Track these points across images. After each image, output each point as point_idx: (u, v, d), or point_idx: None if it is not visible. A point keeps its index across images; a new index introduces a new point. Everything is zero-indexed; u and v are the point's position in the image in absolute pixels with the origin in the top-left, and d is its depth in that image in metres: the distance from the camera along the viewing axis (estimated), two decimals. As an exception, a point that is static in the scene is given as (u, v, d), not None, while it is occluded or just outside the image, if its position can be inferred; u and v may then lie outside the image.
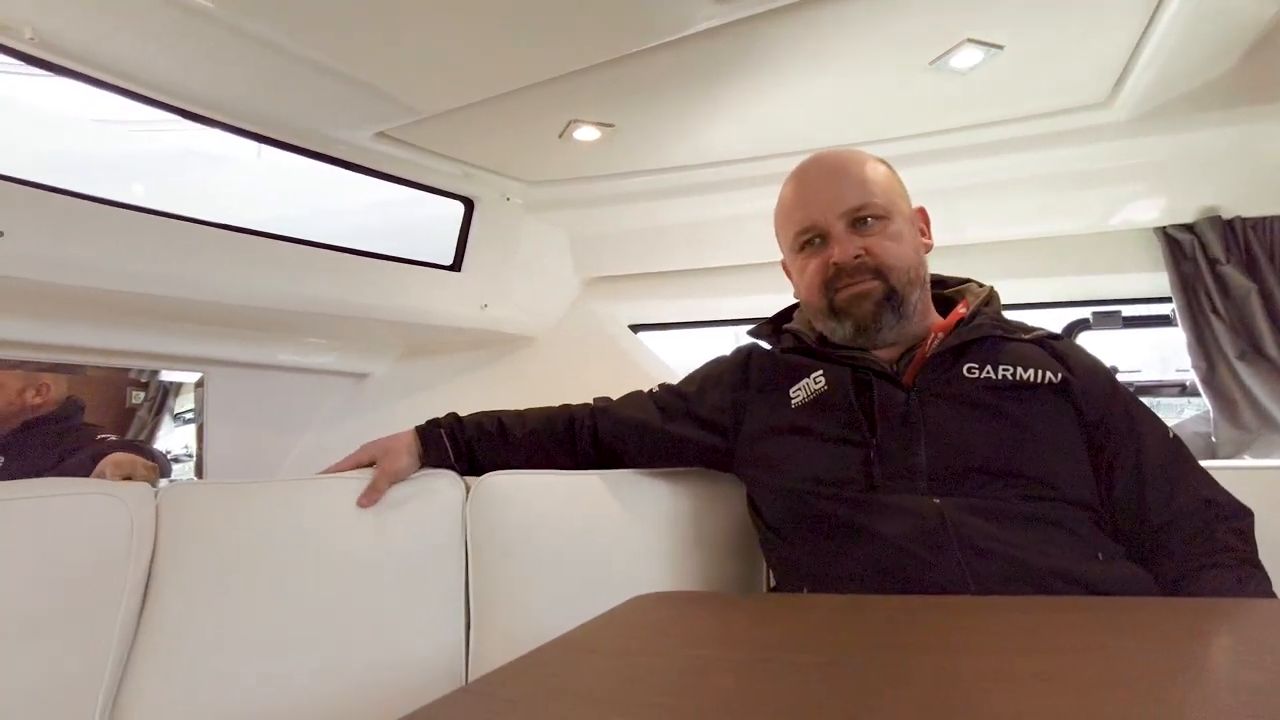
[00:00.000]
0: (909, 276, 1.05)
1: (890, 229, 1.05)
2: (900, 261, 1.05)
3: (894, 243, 1.05)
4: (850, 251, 1.04)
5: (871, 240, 1.05)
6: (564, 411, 1.31)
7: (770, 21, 1.16)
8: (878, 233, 1.05)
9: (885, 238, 1.05)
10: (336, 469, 1.27)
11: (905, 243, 1.06)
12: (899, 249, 1.05)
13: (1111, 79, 1.46)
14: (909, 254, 1.06)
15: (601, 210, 1.93)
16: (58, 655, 1.04)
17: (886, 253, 1.04)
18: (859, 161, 1.10)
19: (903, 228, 1.07)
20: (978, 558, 0.88)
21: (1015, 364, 1.01)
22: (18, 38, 1.10)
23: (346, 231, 1.76)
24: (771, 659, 0.62)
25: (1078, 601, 0.77)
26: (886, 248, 1.04)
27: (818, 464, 1.03)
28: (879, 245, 1.04)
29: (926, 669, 0.55)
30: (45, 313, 1.45)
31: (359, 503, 1.22)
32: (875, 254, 1.04)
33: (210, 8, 1.07)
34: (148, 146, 1.75)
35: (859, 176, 1.08)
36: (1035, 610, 0.73)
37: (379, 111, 1.42)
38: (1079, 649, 0.59)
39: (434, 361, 2.17)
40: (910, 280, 1.05)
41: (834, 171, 1.10)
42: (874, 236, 1.05)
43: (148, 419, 1.98)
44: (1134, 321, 1.91)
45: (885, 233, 1.05)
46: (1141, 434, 1.01)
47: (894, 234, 1.05)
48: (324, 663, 1.14)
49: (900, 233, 1.06)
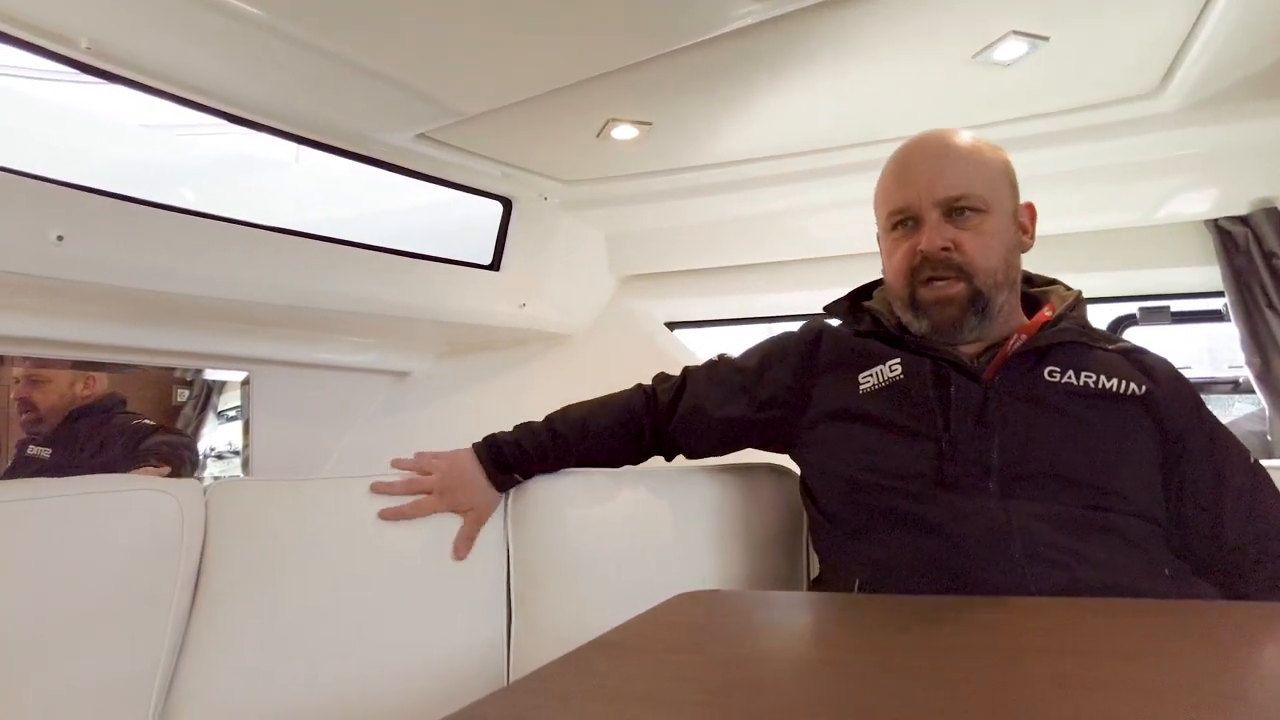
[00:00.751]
0: (996, 279, 1.00)
1: (987, 224, 1.00)
2: (989, 262, 0.99)
3: (987, 240, 0.99)
4: (939, 242, 0.99)
5: (964, 235, 0.99)
6: (623, 409, 1.28)
7: (808, 17, 1.15)
8: (972, 227, 0.99)
9: (979, 234, 0.99)
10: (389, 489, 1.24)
11: (999, 241, 1.00)
12: (991, 248, 1.00)
13: (1161, 68, 1.42)
14: (1000, 254, 1.00)
15: (637, 208, 1.93)
16: (113, 650, 1.07)
17: (977, 251, 0.99)
18: (970, 146, 1.04)
19: (1001, 225, 1.01)
20: (1039, 565, 0.86)
21: (1099, 372, 0.98)
22: (75, 48, 1.13)
23: (388, 232, 1.79)
24: (822, 661, 0.62)
25: (1139, 604, 0.76)
26: (978, 245, 0.99)
27: (885, 454, 1.00)
28: (970, 242, 0.99)
29: (982, 674, 0.55)
30: (98, 314, 1.49)
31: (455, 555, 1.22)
32: (965, 251, 0.99)
33: (258, 14, 1.09)
34: (194, 151, 1.80)
35: (965, 162, 1.02)
36: (1096, 613, 0.71)
37: (421, 113, 1.44)
38: (1142, 653, 0.58)
39: (473, 359, 2.19)
40: (997, 283, 1.00)
41: (940, 153, 1.03)
42: (967, 231, 0.99)
43: (192, 416, 2.03)
44: (1183, 317, 1.86)
45: (980, 228, 0.99)
46: (1222, 456, 0.98)
47: (989, 230, 1.00)
48: (368, 659, 1.16)
49: (996, 230, 1.00)
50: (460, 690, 1.19)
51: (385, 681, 1.16)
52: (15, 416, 1.80)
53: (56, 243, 1.21)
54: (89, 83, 1.24)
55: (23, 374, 1.78)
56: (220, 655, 1.13)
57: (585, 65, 1.28)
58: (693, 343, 2.28)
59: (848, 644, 0.66)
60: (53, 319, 1.44)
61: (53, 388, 1.81)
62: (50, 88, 1.17)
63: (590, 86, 1.34)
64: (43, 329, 1.44)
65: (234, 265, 1.47)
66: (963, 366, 1.01)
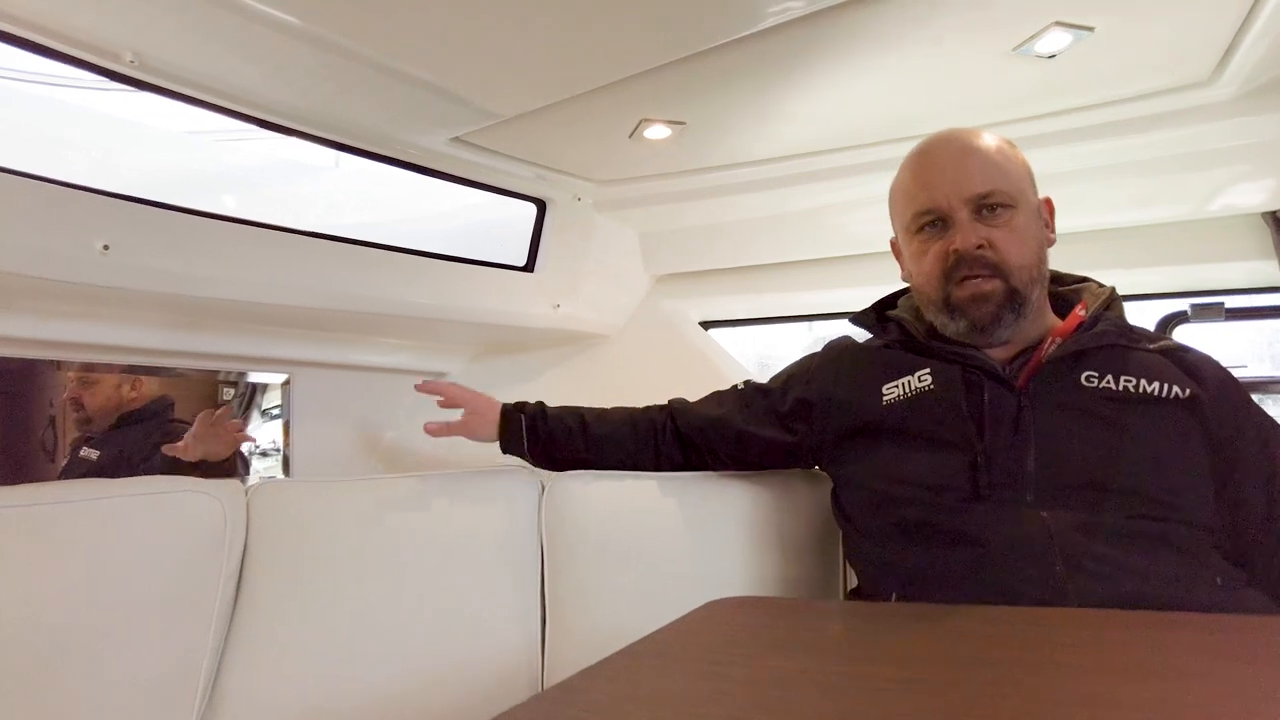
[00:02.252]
0: (1031, 275, 0.99)
1: (1016, 220, 0.99)
2: (1024, 259, 0.99)
3: (1019, 236, 0.99)
4: (973, 241, 0.98)
5: (996, 232, 0.98)
6: (645, 414, 1.31)
7: (842, 13, 1.13)
8: (1003, 224, 0.99)
9: (1010, 230, 0.99)
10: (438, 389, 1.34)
11: (1030, 236, 1.00)
12: (1024, 244, 0.99)
13: (1215, 56, 1.37)
14: (1033, 249, 1.00)
15: (671, 207, 1.92)
16: (159, 648, 1.10)
17: (1011, 247, 0.98)
18: (991, 143, 1.03)
19: (1029, 220, 1.01)
20: (1082, 577, 0.83)
21: (1139, 376, 0.95)
22: (120, 62, 1.16)
23: (424, 236, 1.80)
24: (855, 673, 0.60)
25: (1187, 619, 0.72)
26: (1011, 241, 0.98)
27: (918, 467, 0.98)
28: (1003, 239, 0.98)
29: (1019, 691, 0.53)
30: (143, 319, 1.53)
31: (425, 427, 1.31)
32: (999, 248, 0.98)
33: (297, 23, 1.11)
34: (236, 157, 1.83)
35: (989, 159, 1.01)
36: (1140, 627, 0.69)
37: (455, 116, 1.45)
38: (1184, 673, 0.56)
39: (509, 360, 2.20)
40: (1032, 279, 0.99)
41: (963, 151, 1.03)
42: (999, 228, 0.99)
43: (237, 414, 2.08)
44: (1238, 313, 1.79)
45: (1011, 225, 0.99)
46: (1278, 458, 0.94)
47: (1019, 226, 0.99)
48: (406, 659, 1.18)
49: (1026, 225, 1.00)
50: (497, 691, 1.21)
51: (422, 682, 1.18)
52: (69, 417, 1.87)
53: (103, 252, 1.25)
54: (132, 92, 1.27)
55: (74, 375, 1.86)
56: (261, 654, 1.16)
57: (617, 66, 1.28)
58: (728, 341, 2.27)
59: (874, 656, 0.65)
60: (100, 325, 1.48)
61: (99, 389, 1.89)
62: (95, 97, 1.21)
63: (622, 87, 1.34)
64: (91, 334, 1.48)
65: (274, 270, 1.50)
66: (995, 373, 0.98)
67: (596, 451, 1.28)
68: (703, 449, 1.26)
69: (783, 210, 1.87)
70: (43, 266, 1.21)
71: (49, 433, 1.85)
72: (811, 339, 2.41)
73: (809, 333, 2.37)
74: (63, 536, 1.07)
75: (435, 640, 1.21)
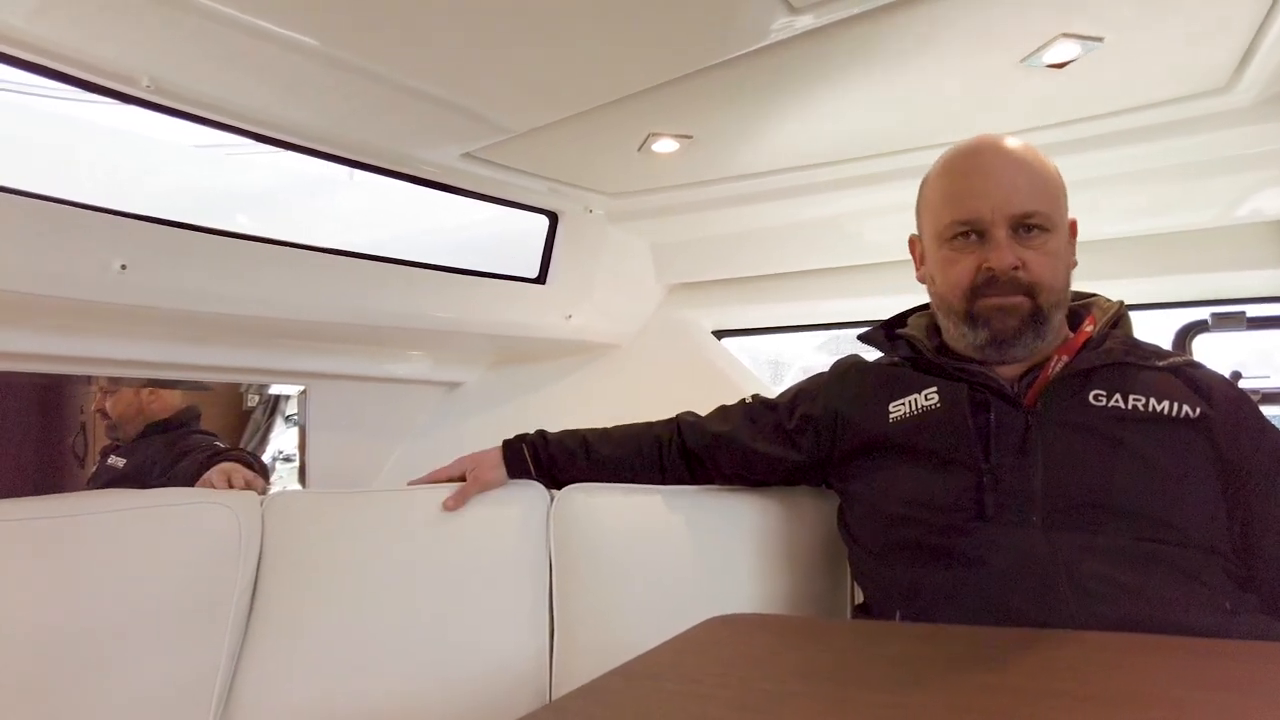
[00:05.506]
0: (1057, 298, 0.98)
1: (1051, 244, 0.98)
2: (1055, 282, 0.98)
3: (1052, 261, 0.98)
4: (1010, 261, 0.96)
5: (1032, 254, 0.97)
6: (649, 430, 1.30)
7: (847, 29, 1.13)
8: (1039, 246, 0.97)
9: (1044, 253, 0.97)
10: (431, 479, 1.32)
11: (1061, 261, 0.99)
12: (1056, 268, 0.98)
13: (1232, 63, 1.34)
14: (1063, 273, 0.99)
15: (681, 218, 1.92)
16: (176, 657, 1.12)
17: (1044, 271, 0.97)
18: (1039, 160, 1.01)
19: (1061, 244, 1.00)
20: (1087, 599, 0.82)
21: (1148, 394, 0.93)
22: (136, 86, 1.19)
23: (437, 248, 1.83)
24: (844, 698, 0.61)
25: (1186, 644, 0.71)
26: (1044, 265, 0.97)
27: (923, 486, 0.97)
28: (1037, 261, 0.97)
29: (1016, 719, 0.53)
30: (161, 334, 1.57)
31: (444, 505, 1.28)
32: (1033, 270, 0.97)
33: (310, 43, 1.13)
34: (247, 173, 1.87)
35: (1036, 178, 0.99)
36: (1139, 652, 0.68)
37: (468, 132, 1.47)
38: (1183, 703, 0.55)
39: (523, 370, 2.22)
40: (1057, 302, 0.99)
41: (1013, 166, 1.00)
42: (1035, 250, 0.97)
43: (261, 420, 2.13)
44: (1260, 322, 1.76)
45: (1045, 248, 0.97)
46: None
47: (1053, 250, 0.98)
48: (416, 667, 1.20)
49: (1058, 250, 0.99)
50: (505, 702, 1.22)
51: (433, 692, 1.20)
52: (98, 426, 1.94)
53: (120, 271, 1.28)
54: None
55: (100, 387, 1.95)
56: (276, 664, 1.18)
57: (625, 82, 1.29)
58: (741, 350, 2.27)
59: (865, 680, 0.65)
60: (120, 341, 1.52)
61: (120, 397, 1.98)
62: (106, 110, 1.23)
63: (630, 102, 1.35)
64: (111, 350, 1.52)
65: (289, 286, 1.52)
66: (1003, 392, 0.97)
67: (600, 472, 1.29)
68: (709, 465, 1.26)
69: (795, 219, 1.87)
70: (63, 287, 1.25)
71: (80, 440, 1.92)
72: (827, 338, 2.41)
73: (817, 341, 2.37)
74: (82, 547, 1.10)
75: (446, 651, 1.22)
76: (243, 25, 1.07)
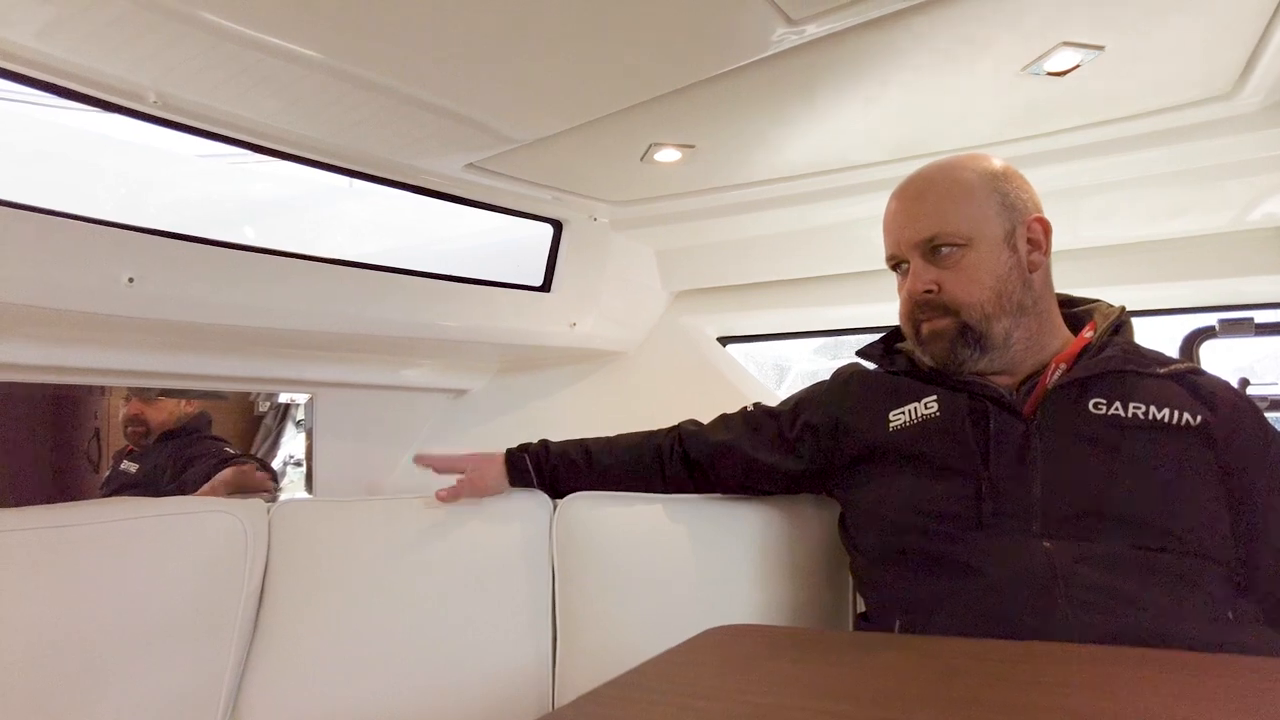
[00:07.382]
0: (986, 310, 0.99)
1: (967, 259, 0.99)
2: (972, 296, 0.99)
3: (969, 274, 0.99)
4: (919, 286, 1.02)
5: (946, 274, 1.00)
6: (650, 440, 1.31)
7: (847, 38, 1.13)
8: (951, 265, 1.00)
9: (959, 270, 0.99)
10: (442, 459, 1.33)
11: (985, 272, 0.99)
12: (976, 280, 0.99)
13: (1237, 68, 1.34)
14: (989, 284, 0.99)
15: (686, 226, 1.93)
16: (182, 664, 1.14)
17: (958, 288, 0.99)
18: (942, 183, 1.04)
19: (986, 254, 1.00)
20: (1084, 609, 0.82)
21: (1149, 402, 0.93)
22: (143, 102, 1.21)
23: (441, 258, 1.84)
24: (834, 712, 0.61)
25: (1182, 659, 0.71)
26: (958, 281, 1.00)
27: (922, 494, 0.98)
28: (952, 279, 1.00)
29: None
30: (170, 345, 1.59)
31: (437, 495, 1.31)
32: (948, 290, 1.00)
33: (316, 56, 1.14)
34: (252, 184, 1.89)
35: (942, 199, 1.02)
36: (1133, 666, 0.67)
37: (472, 142, 1.48)
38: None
39: (529, 377, 2.23)
40: (988, 314, 0.99)
41: (914, 197, 1.06)
42: (948, 269, 1.00)
43: (273, 425, 2.16)
44: (1269, 328, 1.74)
45: (960, 265, 0.99)
46: None
47: (971, 264, 0.99)
48: (421, 674, 1.20)
49: (980, 261, 0.99)
50: (509, 709, 1.23)
51: (437, 699, 1.20)
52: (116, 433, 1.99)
53: (128, 285, 1.30)
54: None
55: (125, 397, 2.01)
56: (282, 671, 1.19)
57: (628, 93, 1.29)
58: (746, 357, 2.27)
59: (856, 693, 0.65)
60: (129, 352, 1.54)
61: (161, 406, 2.05)
62: (110, 120, 1.25)
63: (633, 113, 1.35)
64: (120, 361, 1.53)
65: (295, 297, 1.54)
66: (1002, 401, 0.98)
67: (601, 481, 1.30)
68: (710, 474, 1.27)
69: (801, 226, 1.87)
70: (71, 300, 1.27)
71: (93, 445, 1.95)
72: (825, 340, 2.40)
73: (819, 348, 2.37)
74: (90, 555, 1.11)
75: (450, 658, 1.23)
76: (248, 40, 1.08)
